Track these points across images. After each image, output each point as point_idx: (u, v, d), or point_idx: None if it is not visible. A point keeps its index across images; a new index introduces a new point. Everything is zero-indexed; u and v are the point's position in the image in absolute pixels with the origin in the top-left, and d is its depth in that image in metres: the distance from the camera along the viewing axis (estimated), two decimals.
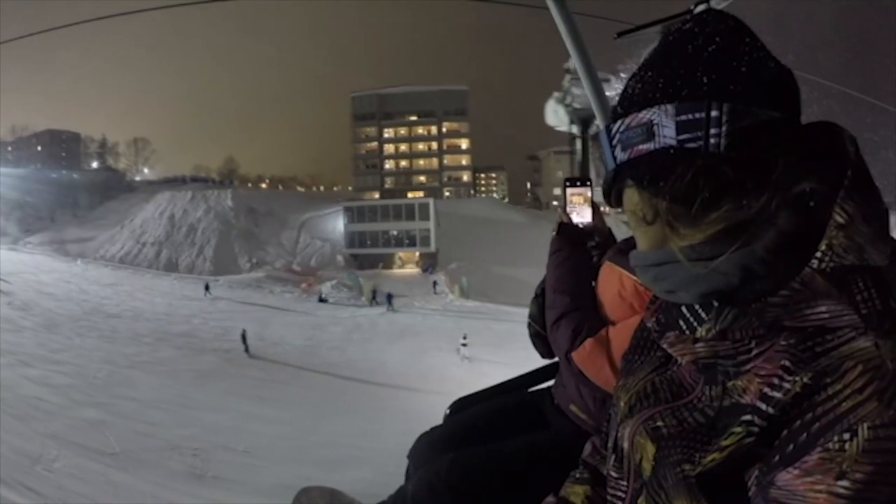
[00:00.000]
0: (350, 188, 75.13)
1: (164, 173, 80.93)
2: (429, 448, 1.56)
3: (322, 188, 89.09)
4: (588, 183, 1.49)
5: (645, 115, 0.66)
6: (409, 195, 63.17)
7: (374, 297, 31.72)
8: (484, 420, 1.61)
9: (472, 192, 73.26)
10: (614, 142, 0.71)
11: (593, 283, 1.41)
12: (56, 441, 10.68)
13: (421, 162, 73.07)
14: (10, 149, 66.50)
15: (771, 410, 0.57)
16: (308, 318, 25.58)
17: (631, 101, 0.69)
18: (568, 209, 1.47)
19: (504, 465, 1.40)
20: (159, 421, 12.43)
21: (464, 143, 72.36)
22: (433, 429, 1.66)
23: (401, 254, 51.21)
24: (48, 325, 20.55)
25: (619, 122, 0.70)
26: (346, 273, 41.57)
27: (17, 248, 45.27)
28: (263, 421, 12.80)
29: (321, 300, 31.29)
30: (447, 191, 68.72)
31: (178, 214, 48.77)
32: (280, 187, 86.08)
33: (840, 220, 0.61)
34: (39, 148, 67.33)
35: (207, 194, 50.80)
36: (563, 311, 1.37)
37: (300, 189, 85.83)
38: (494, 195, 78.82)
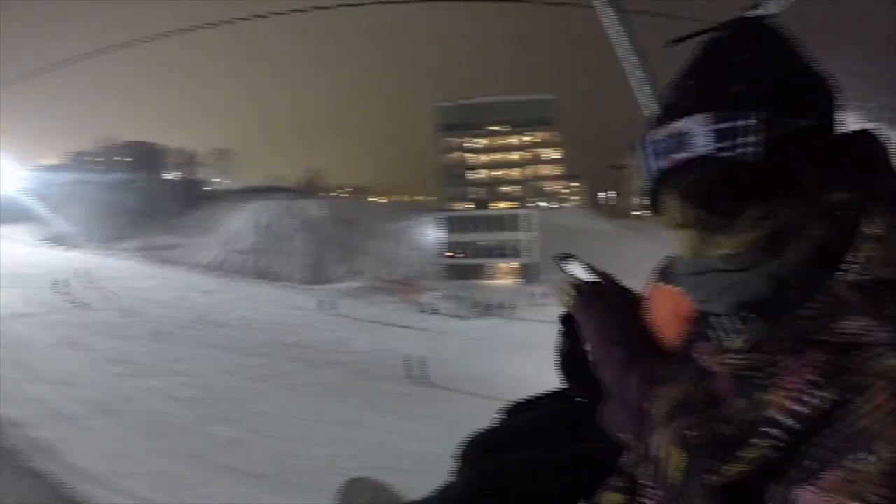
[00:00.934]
0: (435, 198, 74.71)
1: (245, 183, 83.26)
2: (477, 448, 1.52)
3: (403, 198, 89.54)
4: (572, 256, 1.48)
5: (681, 125, 0.68)
6: (497, 205, 63.14)
7: (481, 308, 30.91)
8: (532, 425, 1.56)
9: (559, 201, 72.22)
10: (652, 150, 0.73)
11: (638, 317, 1.24)
12: (196, 462, 10.02)
13: (507, 172, 72.63)
14: (95, 159, 70.16)
15: (795, 425, 0.57)
16: (418, 328, 24.67)
17: (668, 110, 0.73)
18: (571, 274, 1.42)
19: (545, 471, 1.35)
20: (299, 438, 11.72)
21: (549, 153, 71.67)
22: (484, 430, 1.61)
23: (497, 264, 50.95)
24: (159, 334, 20.55)
25: (656, 131, 0.72)
26: (449, 283, 41.10)
27: (107, 254, 46.96)
28: (408, 438, 11.91)
29: (426, 310, 30.67)
30: (534, 201, 67.87)
31: (266, 223, 49.66)
32: (361, 197, 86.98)
33: (876, 231, 0.62)
34: (122, 158, 70.76)
35: (295, 203, 51.42)
36: (626, 366, 1.18)
37: (382, 199, 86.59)
38: (576, 204, 77.72)
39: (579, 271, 1.44)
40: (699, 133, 0.65)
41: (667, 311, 1.19)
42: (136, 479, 8.34)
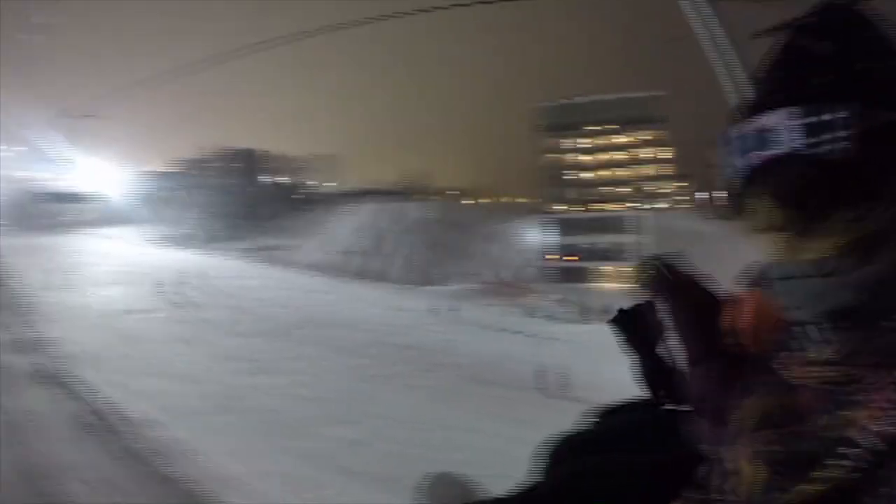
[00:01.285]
0: (536, 200, 74.07)
1: (348, 186, 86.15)
2: (565, 448, 1.62)
3: (503, 199, 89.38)
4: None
5: (767, 120, 0.66)
6: (602, 207, 61.77)
7: (589, 312, 30.11)
8: (621, 430, 1.63)
9: (669, 202, 69.84)
10: (736, 147, 0.71)
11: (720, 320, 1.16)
12: (320, 463, 9.97)
13: (613, 172, 70.98)
14: (203, 165, 74.21)
15: (878, 446, 0.55)
16: (527, 333, 24.13)
17: (752, 104, 0.70)
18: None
19: (627, 477, 1.39)
20: (417, 442, 11.44)
21: (658, 152, 69.57)
22: (573, 431, 1.70)
23: (605, 267, 50.03)
24: (275, 333, 21.14)
25: (740, 126, 0.70)
26: (555, 286, 40.47)
27: (216, 254, 49.47)
28: (529, 445, 11.42)
29: (533, 314, 30.16)
30: (642, 202, 66.03)
31: (370, 225, 50.62)
32: (462, 198, 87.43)
33: None
34: (224, 164, 74.13)
35: (398, 205, 52.21)
36: (705, 372, 1.20)
37: (483, 201, 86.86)
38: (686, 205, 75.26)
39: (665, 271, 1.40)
40: (786, 128, 0.62)
41: (752, 318, 1.12)
42: (268, 481, 8.34)
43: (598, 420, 1.78)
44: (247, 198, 65.87)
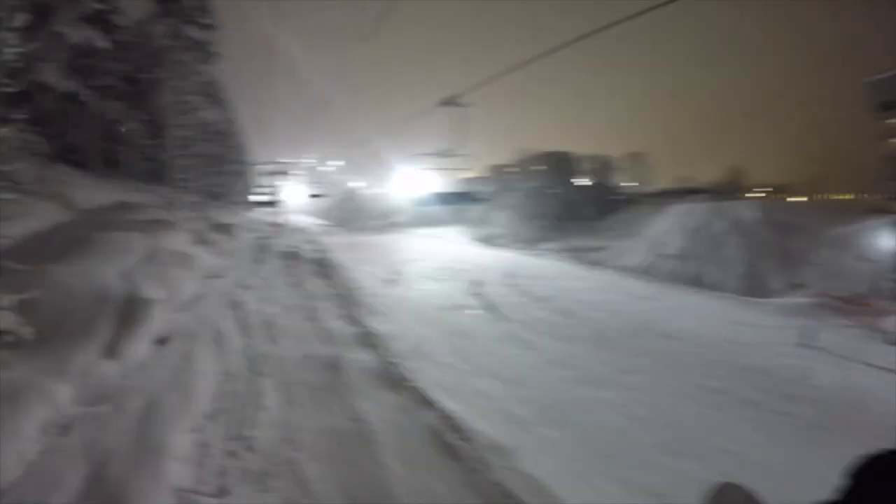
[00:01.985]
0: (877, 196, 62.39)
1: (660, 185, 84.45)
2: (873, 469, 1.46)
3: (833, 196, 78.23)
4: None
5: None
6: None
7: None
8: None
9: None
10: None
11: None
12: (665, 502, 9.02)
13: None
14: (515, 169, 76.52)
15: None
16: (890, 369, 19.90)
17: None
18: None
19: None
20: (783, 491, 9.71)
21: None
22: (883, 451, 1.48)
23: None
24: (600, 339, 20.49)
25: None
26: None
27: (535, 255, 51.13)
28: None
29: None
30: None
31: (691, 226, 47.24)
32: (787, 195, 78.74)
33: None
34: (539, 167, 75.00)
35: (720, 205, 48.04)
36: None
37: (808, 197, 77.03)
38: None
39: None
40: None
41: None
42: None
43: None
44: (562, 199, 66.64)
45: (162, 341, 9.76)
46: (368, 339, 13.27)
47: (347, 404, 8.88)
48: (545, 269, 40.77)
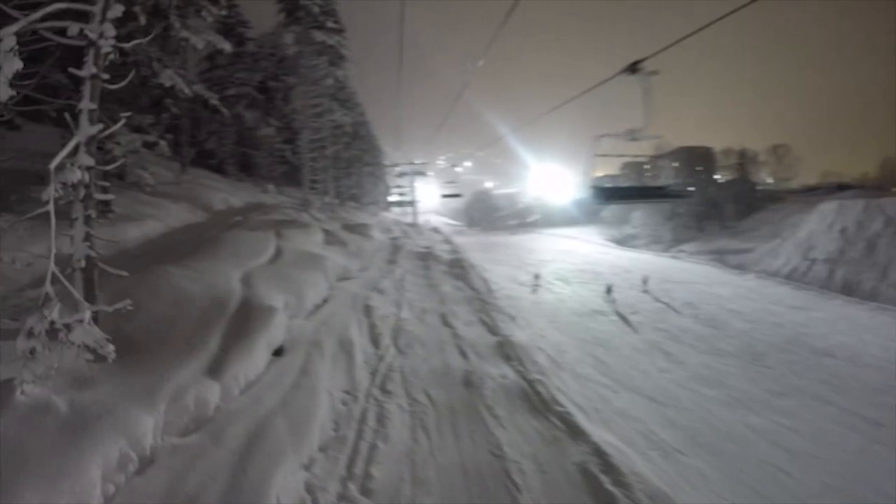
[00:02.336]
0: None
1: (804, 180, 77.36)
2: None
3: None
4: None
5: None
6: None
7: None
8: None
9: None
10: None
11: None
12: None
13: None
14: (647, 167, 73.45)
15: None
16: None
17: None
18: None
19: None
20: None
21: None
22: None
23: None
24: (750, 354, 18.55)
25: None
26: None
27: (672, 255, 48.06)
28: None
29: None
30: None
31: (850, 227, 42.73)
32: None
33: None
34: (676, 164, 71.75)
35: (881, 203, 43.21)
36: None
37: None
38: None
39: None
40: None
41: None
42: None
43: None
44: (703, 198, 63.24)
45: (279, 352, 9.14)
46: (506, 350, 12.44)
47: (485, 432, 8.03)
48: (685, 272, 38.49)
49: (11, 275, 8.49)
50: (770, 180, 77.97)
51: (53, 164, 5.93)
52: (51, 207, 5.82)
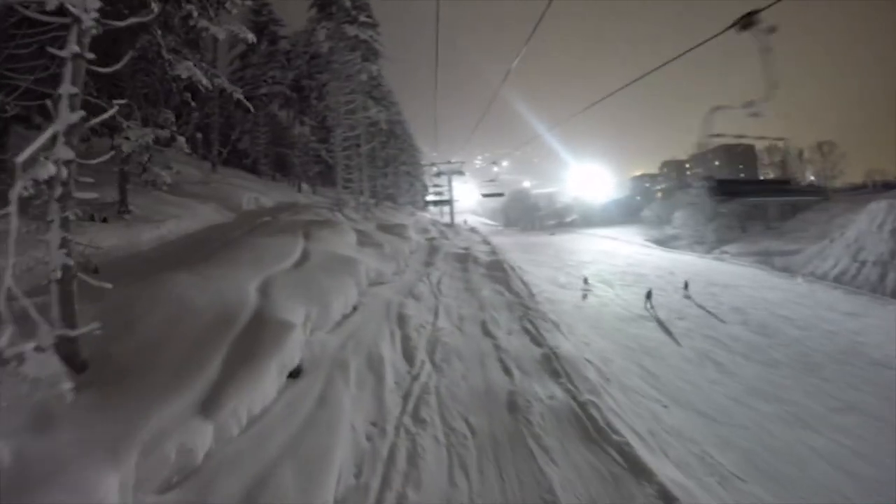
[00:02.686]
0: None
1: (851, 178, 74.39)
2: None
3: None
4: None
5: None
6: None
7: None
8: None
9: None
10: None
11: None
12: None
13: None
14: (687, 165, 71.74)
15: None
16: None
17: None
18: None
19: None
20: None
21: None
22: None
23: None
24: (805, 364, 17.17)
25: None
26: None
27: (715, 257, 45.93)
28: None
29: None
30: None
31: (882, 226, 40.30)
32: None
33: None
34: (716, 163, 69.98)
35: None
36: None
37: None
38: None
39: None
40: None
41: None
42: None
43: None
44: (746, 195, 61.19)
45: (296, 374, 7.99)
46: (552, 364, 11.45)
47: (534, 470, 7.03)
48: (731, 275, 36.47)
49: None
50: (812, 178, 75.11)
51: (22, 158, 4.93)
52: (13, 209, 4.86)
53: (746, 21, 10.84)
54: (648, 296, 24.98)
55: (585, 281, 28.99)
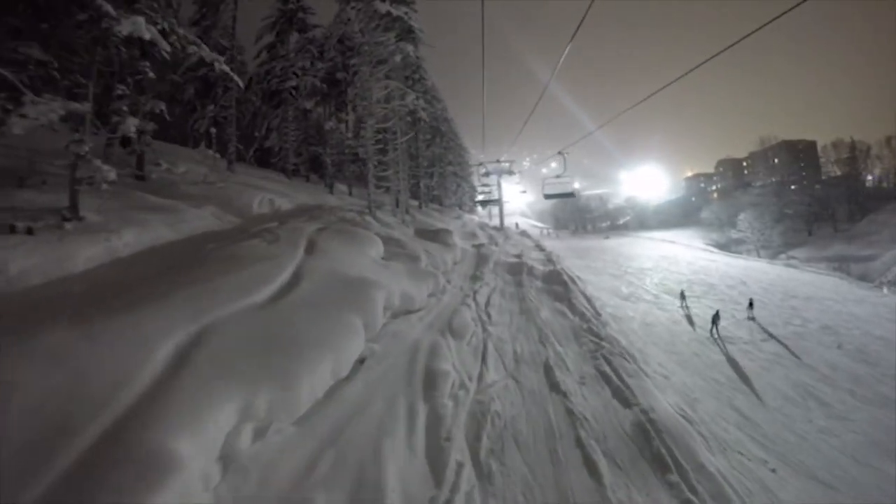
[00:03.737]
0: None
1: None
2: None
3: None
4: None
5: None
6: None
7: None
8: None
9: None
10: None
11: None
12: None
13: None
14: (744, 164, 68.93)
15: None
16: None
17: None
18: None
19: None
20: None
21: None
22: None
23: None
24: (873, 386, 15.33)
25: None
26: None
27: (784, 263, 42.72)
28: None
29: None
30: None
31: None
32: None
33: None
34: (776, 160, 65.88)
35: None
36: None
37: None
38: None
39: None
40: None
41: None
42: None
43: None
44: (810, 196, 56.67)
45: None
46: (652, 445, 7.41)
47: None
48: (809, 285, 32.34)
49: None
50: (887, 176, 68.90)
51: None
52: None
53: None
54: (715, 319, 20.34)
55: (682, 296, 25.26)
